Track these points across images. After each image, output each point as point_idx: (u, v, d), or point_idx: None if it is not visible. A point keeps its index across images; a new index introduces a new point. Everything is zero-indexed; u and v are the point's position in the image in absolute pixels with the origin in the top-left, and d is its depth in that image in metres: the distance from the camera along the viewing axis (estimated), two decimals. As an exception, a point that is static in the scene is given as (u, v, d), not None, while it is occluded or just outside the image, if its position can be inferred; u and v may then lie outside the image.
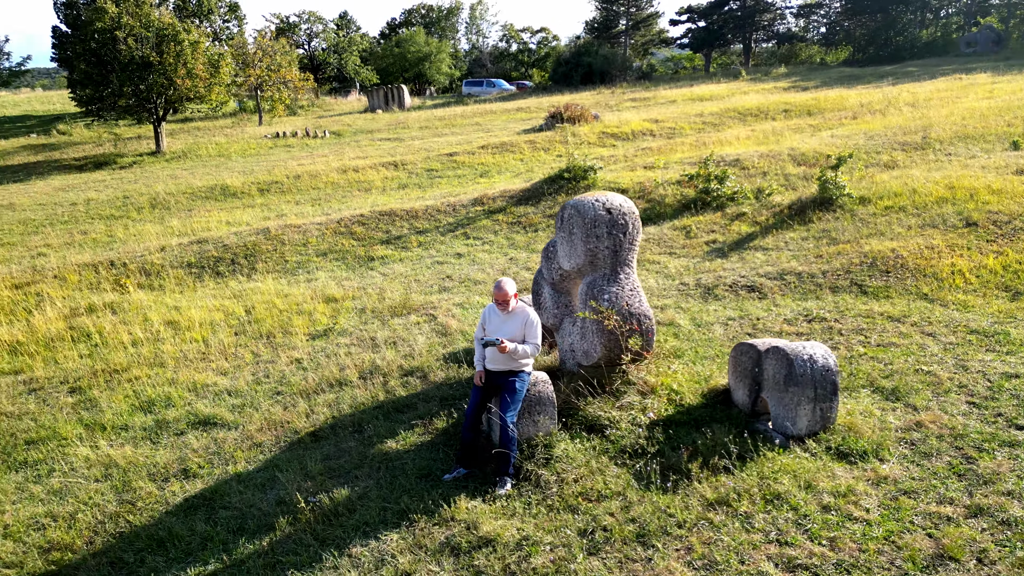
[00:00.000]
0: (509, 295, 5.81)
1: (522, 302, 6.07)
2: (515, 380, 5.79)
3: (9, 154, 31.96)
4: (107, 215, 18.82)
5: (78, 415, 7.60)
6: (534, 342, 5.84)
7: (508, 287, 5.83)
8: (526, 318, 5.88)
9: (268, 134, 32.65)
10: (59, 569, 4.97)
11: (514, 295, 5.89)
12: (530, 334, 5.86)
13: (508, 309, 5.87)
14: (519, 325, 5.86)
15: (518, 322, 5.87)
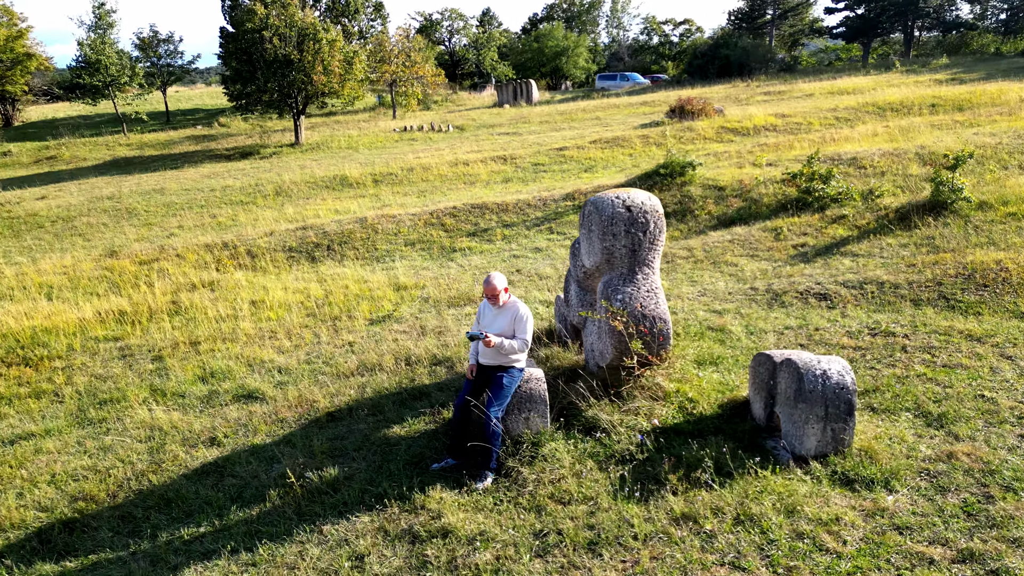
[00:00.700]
0: (498, 289, 5.82)
1: (514, 297, 6.04)
2: (503, 376, 5.79)
3: (175, 143, 35.62)
4: (237, 201, 20.54)
5: (150, 381, 8.45)
6: (522, 337, 5.81)
7: (497, 281, 5.84)
8: (515, 313, 5.86)
9: (397, 128, 34.16)
10: (79, 517, 5.60)
11: (504, 289, 5.88)
12: (519, 329, 5.84)
13: (499, 304, 5.88)
14: (509, 320, 5.85)
15: (508, 317, 5.86)
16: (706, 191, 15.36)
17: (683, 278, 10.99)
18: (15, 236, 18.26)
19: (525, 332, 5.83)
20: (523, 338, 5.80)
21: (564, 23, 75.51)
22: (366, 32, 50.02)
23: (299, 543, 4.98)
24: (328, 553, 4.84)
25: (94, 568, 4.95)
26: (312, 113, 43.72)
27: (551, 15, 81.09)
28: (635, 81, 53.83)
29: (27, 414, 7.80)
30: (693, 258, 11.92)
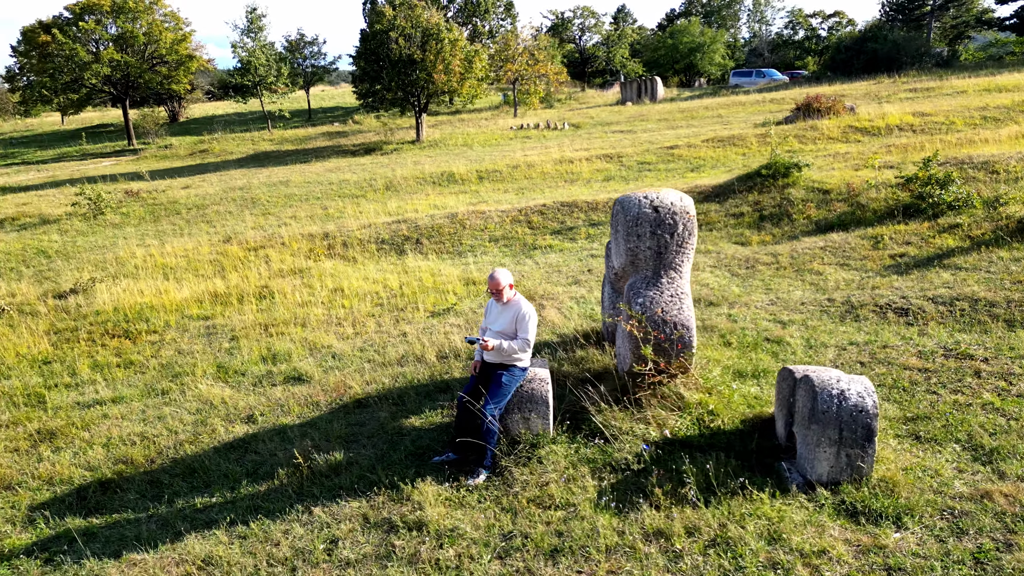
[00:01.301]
0: (501, 285, 5.78)
1: (519, 295, 5.97)
2: (503, 374, 5.75)
3: (311, 139, 37.99)
4: (349, 194, 21.64)
5: (220, 359, 9.12)
6: (523, 337, 5.74)
7: (501, 277, 5.80)
8: (518, 311, 5.80)
9: (514, 126, 34.57)
10: (116, 479, 6.16)
11: (509, 286, 5.83)
12: (520, 328, 5.77)
13: (502, 300, 5.84)
14: (511, 318, 5.80)
15: (511, 314, 5.81)
16: (809, 194, 14.40)
17: (758, 285, 10.39)
18: (154, 221, 20.24)
19: (526, 331, 5.76)
20: (524, 338, 5.74)
21: (702, 18, 73.24)
22: (495, 31, 50.97)
23: (289, 522, 5.22)
24: (310, 534, 5.04)
25: (112, 526, 5.44)
26: (439, 111, 45.17)
27: (689, 10, 78.90)
28: (771, 77, 51.31)
29: (111, 382, 8.67)
30: (776, 264, 11.24)
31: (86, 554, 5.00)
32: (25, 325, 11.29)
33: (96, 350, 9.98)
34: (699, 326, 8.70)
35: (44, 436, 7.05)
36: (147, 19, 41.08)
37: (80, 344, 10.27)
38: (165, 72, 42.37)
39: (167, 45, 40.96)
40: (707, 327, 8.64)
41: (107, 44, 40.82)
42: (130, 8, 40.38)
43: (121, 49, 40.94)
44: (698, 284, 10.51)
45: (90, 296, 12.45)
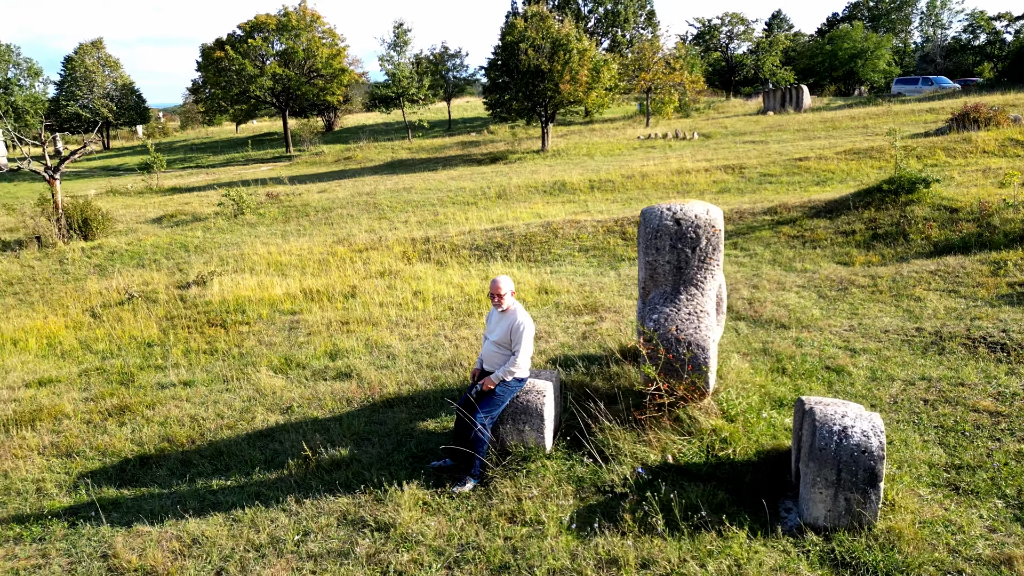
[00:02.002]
0: (500, 290, 5.71)
1: (517, 304, 5.86)
2: (499, 385, 5.69)
3: (445, 148, 39.45)
4: (462, 201, 22.25)
5: (290, 352, 9.71)
6: (515, 349, 5.65)
7: (502, 283, 5.73)
8: (513, 322, 5.70)
9: (641, 135, 34.00)
10: (156, 455, 6.73)
11: (510, 293, 5.75)
12: (515, 339, 5.67)
13: (501, 307, 5.77)
14: (507, 328, 5.72)
15: (507, 324, 5.73)
16: (934, 212, 13.04)
17: (844, 309, 9.54)
18: (285, 221, 21.88)
19: (519, 343, 5.66)
20: (516, 349, 5.65)
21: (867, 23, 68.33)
22: (636, 40, 50.40)
23: (279, 510, 5.47)
24: (289, 524, 5.24)
25: (137, 499, 5.95)
26: (573, 121, 45.36)
27: (853, 14, 73.91)
28: (940, 85, 46.84)
29: (193, 367, 9.48)
30: (873, 288, 10.27)
31: (103, 521, 5.52)
32: (145, 311, 12.62)
33: (193, 337, 10.94)
34: (757, 349, 8.14)
35: (116, 411, 7.84)
36: (307, 36, 44.53)
37: (182, 331, 11.32)
38: (321, 84, 45.69)
39: (323, 60, 44.16)
40: (765, 350, 8.07)
41: (271, 59, 44.67)
42: (293, 26, 43.97)
43: (284, 64, 44.66)
44: (777, 305, 9.82)
45: (206, 288, 13.67)
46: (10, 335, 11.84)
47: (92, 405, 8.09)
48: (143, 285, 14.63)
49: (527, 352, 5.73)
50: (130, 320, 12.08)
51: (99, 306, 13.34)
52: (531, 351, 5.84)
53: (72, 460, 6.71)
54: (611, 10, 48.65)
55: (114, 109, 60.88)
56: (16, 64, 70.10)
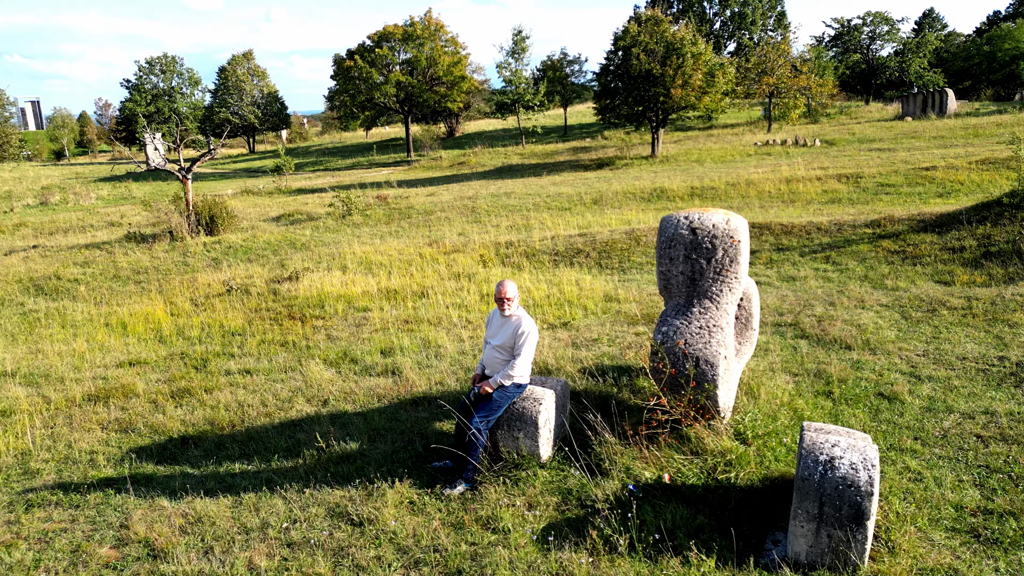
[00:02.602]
0: (505, 294, 5.68)
1: (522, 310, 5.79)
2: (497, 390, 5.67)
3: (556, 154, 39.61)
4: (556, 206, 22.24)
5: (349, 347, 10.11)
6: (516, 354, 5.60)
7: (507, 287, 5.70)
8: (517, 327, 5.64)
9: (758, 141, 32.56)
10: (197, 436, 7.21)
11: (514, 297, 5.71)
12: (517, 344, 5.62)
13: (505, 312, 5.73)
14: (511, 333, 5.67)
15: (511, 330, 5.68)
16: (1061, 229, 11.64)
17: (925, 332, 8.70)
18: (387, 223, 22.77)
19: (521, 348, 5.61)
20: (515, 359, 5.60)
21: (1036, 19, 61.81)
22: (764, 43, 48.38)
23: (280, 497, 5.71)
24: (284, 511, 5.47)
25: (168, 476, 6.40)
26: (693, 126, 44.15)
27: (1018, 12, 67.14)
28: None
29: (261, 356, 10.09)
30: (966, 310, 9.30)
31: (132, 494, 6.00)
32: (240, 302, 13.56)
33: (272, 328, 11.64)
34: (810, 369, 7.60)
35: (179, 393, 8.50)
36: (430, 45, 46.15)
37: (264, 322, 12.07)
38: (442, 92, 47.19)
39: (444, 67, 45.59)
40: (817, 372, 7.51)
41: (396, 67, 46.66)
42: (417, 35, 45.72)
43: (408, 72, 46.53)
44: (848, 324, 9.11)
45: (297, 283, 14.49)
46: (122, 319, 13.09)
47: (162, 387, 8.81)
48: (246, 278, 15.70)
49: (527, 358, 5.67)
50: (224, 310, 13.03)
51: (202, 296, 14.47)
52: (532, 358, 5.78)
53: (127, 436, 7.34)
54: (738, 12, 46.92)
55: (259, 115, 65.82)
56: (179, 74, 77.47)
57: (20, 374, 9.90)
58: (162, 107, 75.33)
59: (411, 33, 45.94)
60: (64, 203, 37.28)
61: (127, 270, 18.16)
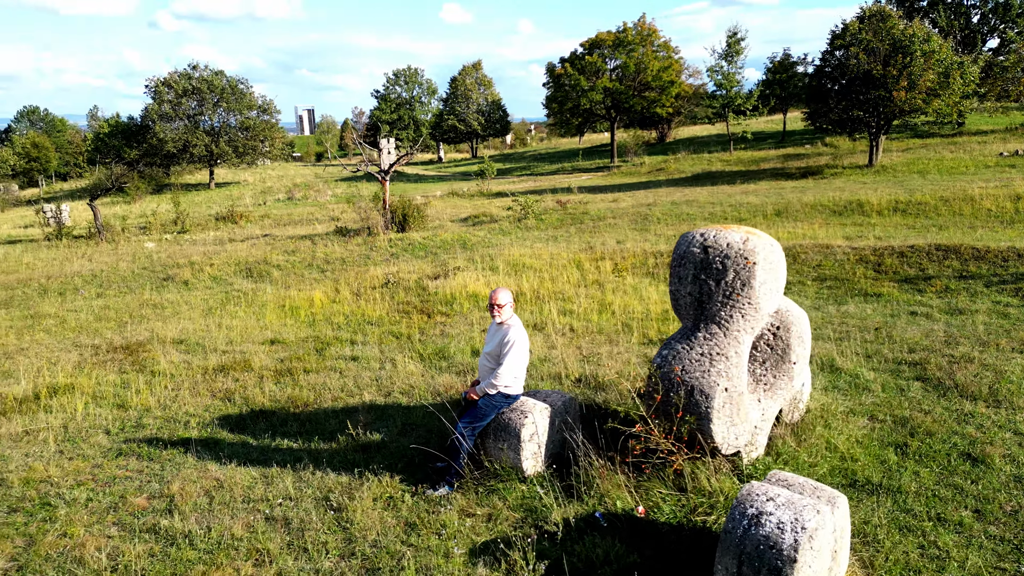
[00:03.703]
0: (496, 300, 5.62)
1: (515, 319, 5.67)
2: (482, 398, 5.65)
3: (763, 161, 37.20)
4: (733, 217, 20.99)
5: (451, 343, 10.52)
6: (500, 362, 5.51)
7: (500, 294, 5.64)
8: (505, 335, 5.55)
9: (1006, 152, 27.93)
10: (274, 411, 7.97)
11: (509, 305, 5.64)
12: (502, 354, 5.54)
13: (498, 318, 5.67)
14: (499, 341, 5.60)
15: (499, 337, 5.61)
16: None
17: None
18: (557, 227, 23.07)
19: (505, 357, 5.52)
20: (503, 363, 5.53)
21: None
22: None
23: (293, 476, 6.18)
24: (288, 488, 5.90)
25: (230, 443, 7.13)
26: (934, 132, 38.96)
27: None
28: None
29: (374, 346, 10.87)
30: None
31: (193, 456, 6.86)
32: (391, 295, 14.68)
33: (401, 321, 12.46)
34: (898, 415, 6.53)
35: (284, 372, 9.48)
36: (640, 50, 45.75)
37: (398, 315, 12.96)
38: (651, 97, 46.56)
39: (653, 72, 44.93)
40: (906, 420, 6.43)
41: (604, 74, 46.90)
42: (629, 41, 45.56)
43: (617, 78, 46.57)
44: (986, 369, 7.63)
45: (446, 280, 15.33)
46: (292, 302, 14.81)
47: (277, 364, 9.89)
48: (407, 273, 16.91)
49: (511, 367, 5.58)
50: (373, 301, 14.19)
51: (365, 287, 15.85)
52: (519, 368, 5.67)
53: (223, 404, 8.38)
54: (1002, 3, 40.47)
55: (482, 122, 69.84)
56: (420, 84, 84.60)
57: (187, 342, 11.66)
58: (403, 115, 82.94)
59: (622, 39, 45.89)
60: (304, 199, 42.74)
61: (320, 260, 20.41)
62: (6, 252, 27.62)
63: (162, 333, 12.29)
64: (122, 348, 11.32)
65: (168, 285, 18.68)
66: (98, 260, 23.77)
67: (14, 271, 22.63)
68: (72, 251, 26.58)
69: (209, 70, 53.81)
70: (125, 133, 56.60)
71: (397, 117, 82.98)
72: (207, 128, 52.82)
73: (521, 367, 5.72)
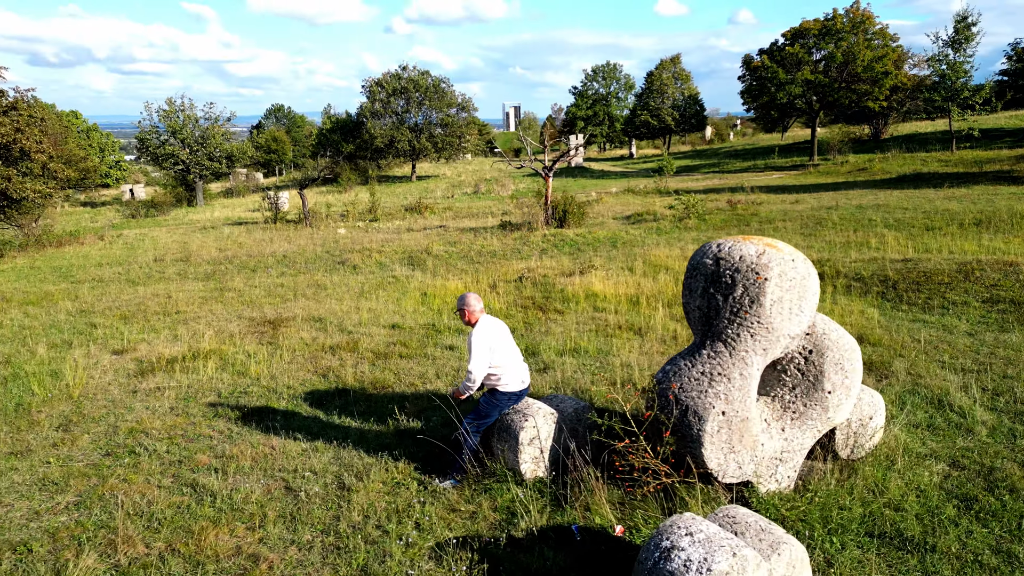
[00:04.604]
0: (460, 305, 5.80)
1: (482, 323, 5.71)
2: (483, 396, 5.73)
3: (993, 162, 32.45)
4: (920, 224, 18.62)
5: (544, 340, 10.53)
6: (468, 362, 5.59)
7: (466, 299, 5.82)
8: (469, 337, 5.61)
9: None
10: (357, 389, 8.55)
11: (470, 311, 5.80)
12: (468, 353, 5.63)
13: (464, 321, 5.81)
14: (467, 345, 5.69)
15: (468, 341, 5.68)
16: None
17: None
18: (718, 228, 21.90)
19: (469, 353, 5.62)
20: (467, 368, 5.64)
21: None
22: None
23: (334, 452, 6.62)
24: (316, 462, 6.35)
25: (303, 417, 7.80)
26: None
27: None
28: None
29: (478, 336, 11.19)
30: None
31: (271, 422, 7.60)
32: (518, 289, 14.97)
33: (516, 314, 12.68)
34: (991, 468, 5.56)
35: (382, 355, 10.09)
36: (852, 39, 41.79)
37: (517, 309, 13.20)
38: (863, 89, 42.43)
39: (864, 63, 40.88)
40: (994, 470, 5.44)
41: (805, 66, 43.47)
42: (838, 29, 41.84)
43: (822, 70, 42.96)
44: None
45: (578, 278, 15.32)
46: (432, 290, 15.62)
47: (382, 347, 10.56)
48: (545, 268, 17.12)
49: (475, 360, 5.58)
50: (502, 294, 14.57)
51: (500, 280, 16.31)
52: (496, 365, 5.68)
53: (319, 380, 9.13)
54: None
55: (676, 117, 67.97)
56: (617, 80, 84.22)
57: (324, 321, 12.79)
58: (599, 111, 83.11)
59: (830, 27, 42.22)
60: (488, 193, 44.53)
61: (475, 252, 21.26)
62: (229, 232, 31.91)
63: (310, 311, 13.61)
64: (270, 322, 12.71)
65: (340, 268, 20.53)
66: (295, 242, 26.69)
67: (227, 248, 26.14)
68: (279, 233, 30.08)
69: (416, 70, 57.81)
70: (343, 129, 62.63)
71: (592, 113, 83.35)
72: (411, 125, 56.84)
73: (500, 364, 5.71)
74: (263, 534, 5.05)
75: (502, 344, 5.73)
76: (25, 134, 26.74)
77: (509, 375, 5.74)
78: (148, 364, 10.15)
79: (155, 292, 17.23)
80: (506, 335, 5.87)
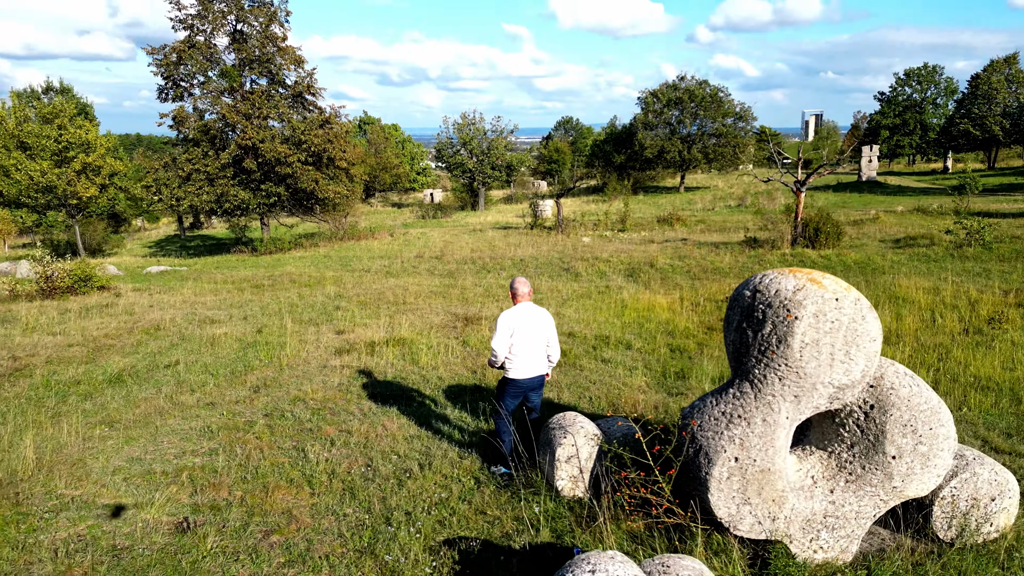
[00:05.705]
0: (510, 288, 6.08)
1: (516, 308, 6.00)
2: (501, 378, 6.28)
3: None
4: None
5: (678, 364, 9.94)
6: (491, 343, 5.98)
7: (512, 283, 6.14)
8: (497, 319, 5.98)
9: None
10: (447, 383, 8.99)
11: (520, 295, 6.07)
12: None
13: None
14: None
15: None
16: None
17: None
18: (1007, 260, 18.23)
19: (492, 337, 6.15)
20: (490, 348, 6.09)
21: None
22: None
23: (430, 439, 7.06)
24: (405, 450, 6.85)
25: (433, 403, 8.36)
26: None
27: None
28: None
29: (644, 352, 10.92)
30: None
31: (406, 405, 8.35)
32: (716, 310, 14.20)
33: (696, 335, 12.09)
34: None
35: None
36: None
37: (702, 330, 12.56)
38: None
39: None
40: None
41: None
42: None
43: None
44: None
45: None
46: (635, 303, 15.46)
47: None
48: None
49: (496, 341, 5.92)
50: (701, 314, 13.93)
51: (708, 300, 15.59)
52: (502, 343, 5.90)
53: (466, 374, 9.70)
54: None
55: (1007, 127, 57.53)
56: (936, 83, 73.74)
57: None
58: (908, 119, 73.52)
59: None
60: (751, 207, 42.11)
61: (699, 267, 20.49)
62: (492, 235, 34.60)
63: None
64: (464, 319, 13.76)
65: (563, 275, 21.22)
66: (539, 248, 28.09)
67: (478, 249, 28.43)
68: (530, 239, 31.87)
69: (695, 80, 56.81)
70: (616, 140, 63.82)
71: (901, 122, 74.08)
72: (683, 135, 56.01)
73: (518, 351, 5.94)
74: (316, 501, 5.70)
75: (523, 332, 5.92)
76: (334, 144, 31.94)
77: (518, 363, 5.96)
78: (351, 345, 11.66)
79: (399, 284, 19.51)
80: (532, 324, 5.99)
